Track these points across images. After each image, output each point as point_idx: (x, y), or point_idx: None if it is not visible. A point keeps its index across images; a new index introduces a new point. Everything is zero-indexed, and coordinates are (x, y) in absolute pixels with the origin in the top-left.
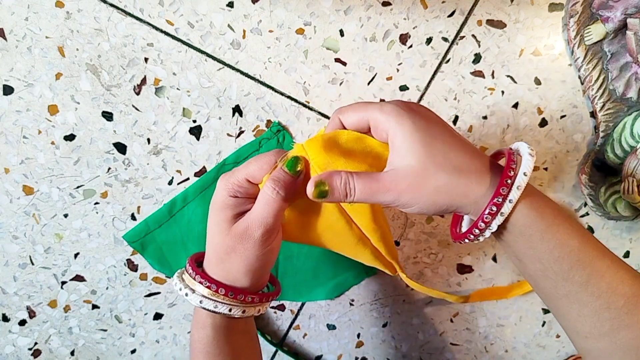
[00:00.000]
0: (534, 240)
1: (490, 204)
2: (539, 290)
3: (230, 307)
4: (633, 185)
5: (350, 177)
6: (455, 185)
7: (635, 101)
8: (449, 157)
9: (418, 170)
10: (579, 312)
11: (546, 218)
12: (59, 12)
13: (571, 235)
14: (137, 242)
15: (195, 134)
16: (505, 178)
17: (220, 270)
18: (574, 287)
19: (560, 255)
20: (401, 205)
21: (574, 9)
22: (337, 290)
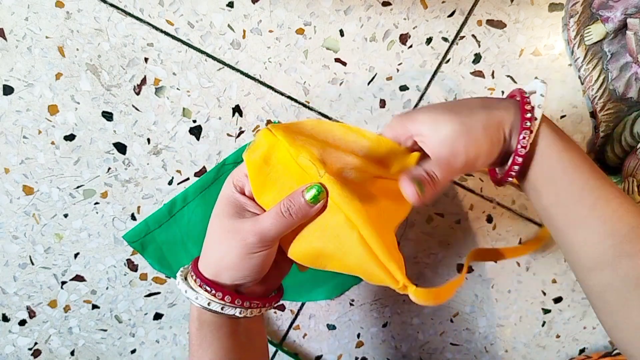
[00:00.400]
0: (552, 160)
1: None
2: (551, 220)
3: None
4: (633, 185)
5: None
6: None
7: (635, 101)
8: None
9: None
10: (585, 239)
11: (562, 140)
12: (59, 12)
13: (583, 160)
14: (137, 242)
15: (195, 134)
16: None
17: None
18: (583, 210)
19: (574, 176)
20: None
21: (574, 9)
22: (337, 290)
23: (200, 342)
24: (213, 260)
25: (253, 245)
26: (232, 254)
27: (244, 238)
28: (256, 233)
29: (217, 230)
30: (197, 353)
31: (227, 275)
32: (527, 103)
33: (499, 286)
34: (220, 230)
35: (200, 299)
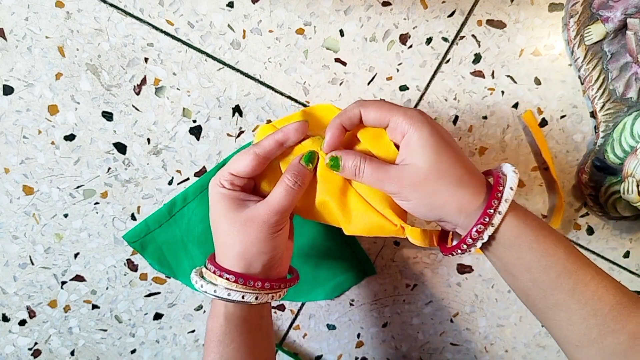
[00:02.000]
0: (522, 250)
1: (483, 216)
2: (530, 302)
3: (243, 293)
4: (633, 185)
5: (362, 161)
6: (453, 195)
7: (635, 101)
8: (454, 169)
9: (425, 171)
10: (569, 320)
11: (533, 229)
12: (59, 12)
13: (557, 245)
14: (137, 242)
15: (195, 134)
16: (496, 192)
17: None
18: (561, 295)
19: (548, 264)
20: (401, 197)
21: (574, 9)
22: (337, 290)
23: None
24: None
25: (276, 223)
26: (258, 239)
27: (266, 221)
28: (276, 212)
29: (229, 226)
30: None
31: (259, 262)
32: (495, 197)
33: (499, 286)
34: (234, 225)
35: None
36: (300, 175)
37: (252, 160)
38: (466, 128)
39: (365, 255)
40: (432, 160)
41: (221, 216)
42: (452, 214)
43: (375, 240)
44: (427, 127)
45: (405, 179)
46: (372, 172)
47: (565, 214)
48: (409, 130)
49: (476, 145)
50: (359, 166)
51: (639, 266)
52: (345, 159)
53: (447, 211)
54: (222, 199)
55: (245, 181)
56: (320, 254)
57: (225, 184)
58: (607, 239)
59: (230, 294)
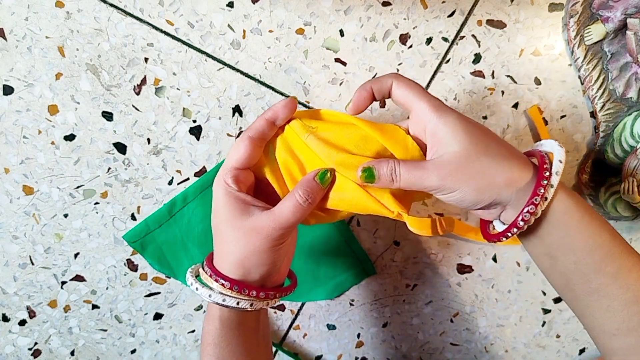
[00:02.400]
0: (570, 228)
1: (537, 187)
2: (569, 287)
3: (238, 300)
4: (633, 185)
5: (397, 165)
6: (499, 171)
7: (635, 101)
8: (491, 146)
9: (462, 154)
10: (609, 306)
11: (581, 207)
12: (59, 12)
13: (603, 228)
14: (137, 242)
15: (195, 134)
16: (544, 164)
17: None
18: (605, 279)
19: (594, 245)
20: (445, 189)
21: (574, 9)
22: (337, 290)
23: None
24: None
25: (279, 237)
26: (259, 250)
27: (269, 234)
28: (281, 227)
29: (231, 232)
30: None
31: (257, 272)
32: (546, 169)
33: (499, 286)
34: (237, 232)
35: (214, 296)
36: (313, 192)
37: (249, 145)
38: None
39: (365, 255)
40: (467, 141)
41: (225, 221)
42: (503, 190)
43: (376, 240)
44: (453, 113)
45: (444, 169)
46: (409, 172)
47: None
48: (433, 118)
49: None
50: (394, 169)
51: None
52: (378, 167)
53: (497, 189)
54: (227, 202)
55: (246, 175)
56: (321, 254)
57: (230, 181)
58: None
59: (225, 299)
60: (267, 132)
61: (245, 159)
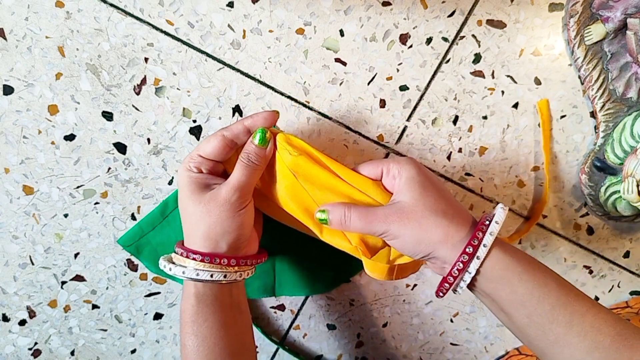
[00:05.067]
0: (513, 283)
1: (467, 246)
2: (530, 340)
3: (212, 272)
4: (633, 185)
5: (348, 209)
6: (438, 226)
7: (635, 101)
8: (439, 202)
9: (410, 206)
10: (572, 356)
11: (520, 262)
12: (59, 12)
13: (547, 277)
14: (132, 246)
15: (195, 134)
16: (481, 225)
17: (201, 237)
18: (560, 328)
19: (541, 295)
20: (390, 235)
21: (574, 9)
22: (337, 281)
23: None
24: (204, 234)
25: (237, 201)
26: (221, 218)
27: (227, 199)
28: (236, 189)
29: (195, 208)
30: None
31: (224, 241)
32: (480, 229)
33: None
34: (199, 206)
35: (188, 272)
36: (254, 153)
37: (220, 142)
38: (466, 128)
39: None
40: (418, 194)
41: (187, 198)
42: (438, 245)
43: None
44: (414, 168)
45: (392, 216)
46: (360, 217)
47: (565, 214)
48: (399, 171)
49: (476, 145)
50: (345, 214)
51: (639, 266)
52: (331, 211)
53: (433, 243)
54: (188, 182)
55: (213, 164)
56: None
57: (193, 167)
58: (607, 239)
59: (199, 273)
60: (241, 136)
61: (213, 153)
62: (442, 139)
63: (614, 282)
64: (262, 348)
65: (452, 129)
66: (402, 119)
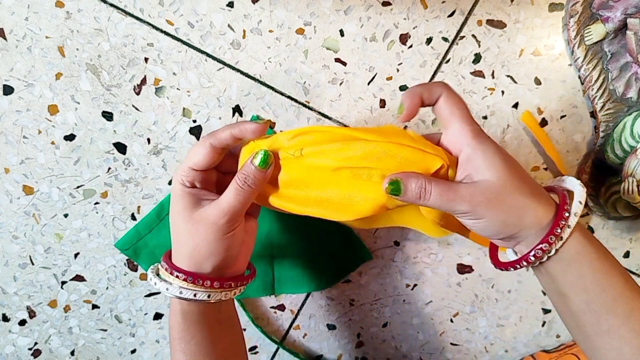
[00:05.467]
0: (583, 267)
1: (554, 227)
2: (580, 327)
3: (195, 292)
4: (633, 185)
5: (428, 183)
6: (528, 209)
7: (635, 101)
8: (526, 182)
9: (498, 186)
10: (620, 349)
11: (595, 247)
12: (59, 12)
13: (616, 269)
14: (130, 249)
15: (195, 134)
16: (565, 205)
17: (187, 256)
18: (616, 320)
19: (607, 285)
20: (474, 216)
21: (574, 9)
22: (336, 278)
23: (183, 335)
24: (189, 254)
25: (226, 224)
26: (207, 240)
27: (215, 222)
28: (225, 213)
29: (184, 225)
30: (180, 345)
31: (209, 263)
32: (566, 209)
33: (499, 286)
34: (187, 224)
35: (172, 289)
36: (251, 175)
37: (208, 153)
38: None
39: (360, 241)
40: (504, 173)
41: (177, 213)
42: (527, 228)
43: (376, 240)
44: (492, 143)
45: (478, 196)
46: (441, 193)
47: None
48: (472, 144)
49: None
50: (424, 187)
51: (639, 266)
52: (406, 181)
53: (522, 226)
54: (180, 197)
55: (206, 174)
56: (316, 244)
57: (186, 180)
58: (607, 239)
59: (182, 292)
60: (229, 144)
61: (203, 164)
62: None
63: None
64: (262, 348)
65: None
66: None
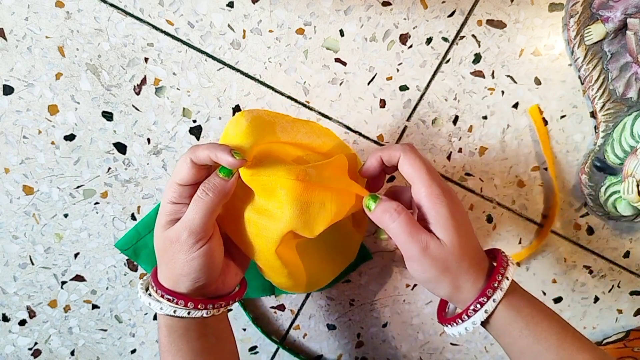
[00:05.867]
0: (514, 336)
1: (475, 302)
2: None
3: (174, 308)
4: (633, 185)
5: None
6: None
7: (635, 101)
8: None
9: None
10: None
11: (525, 317)
12: (59, 12)
13: (550, 332)
14: (130, 250)
15: (195, 134)
16: (493, 282)
17: (167, 277)
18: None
19: (540, 350)
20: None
21: (574, 9)
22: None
23: (169, 348)
24: (167, 272)
25: (188, 239)
26: (178, 260)
27: (177, 238)
28: (186, 228)
29: (160, 243)
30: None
31: (183, 283)
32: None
33: None
34: (162, 242)
35: (165, 309)
36: (211, 184)
37: (190, 169)
38: (466, 128)
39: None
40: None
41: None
42: (453, 294)
43: (376, 240)
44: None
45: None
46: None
47: (565, 214)
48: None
49: (476, 145)
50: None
51: (639, 266)
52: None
53: (450, 290)
54: (161, 213)
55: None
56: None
57: (173, 197)
58: (607, 239)
59: (163, 307)
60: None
61: (187, 178)
62: (442, 139)
63: (614, 282)
64: (262, 348)
65: (452, 129)
66: (402, 119)
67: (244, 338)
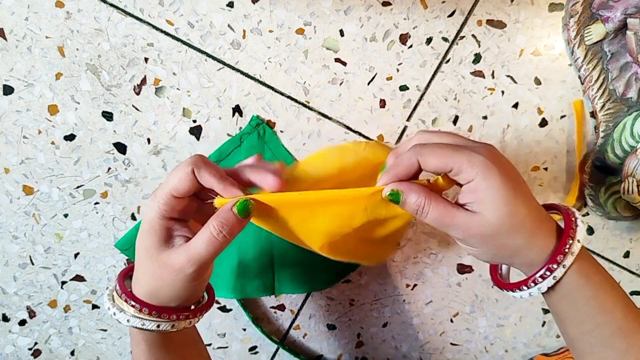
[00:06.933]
0: (579, 303)
1: (544, 269)
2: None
3: (158, 323)
4: (633, 185)
5: (427, 203)
6: (522, 248)
7: (635, 101)
8: (525, 223)
9: (495, 226)
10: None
11: (593, 284)
12: (59, 12)
13: (616, 304)
14: (130, 249)
15: (195, 134)
16: (564, 246)
17: (148, 293)
18: (612, 353)
19: (603, 321)
20: (466, 243)
21: (574, 9)
22: (337, 278)
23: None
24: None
25: (194, 273)
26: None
27: (182, 270)
28: (193, 263)
29: (148, 262)
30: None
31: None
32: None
33: None
34: (152, 262)
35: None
36: (229, 224)
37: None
38: (466, 128)
39: None
40: (504, 214)
41: (144, 249)
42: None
43: None
44: (497, 177)
45: (473, 229)
46: (438, 215)
47: None
48: (476, 178)
49: None
50: (422, 206)
51: (639, 266)
52: (408, 194)
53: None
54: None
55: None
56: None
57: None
58: (607, 239)
59: (145, 323)
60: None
61: (184, 189)
62: None
63: None
64: (262, 348)
65: (452, 129)
66: (402, 119)
67: (244, 338)
